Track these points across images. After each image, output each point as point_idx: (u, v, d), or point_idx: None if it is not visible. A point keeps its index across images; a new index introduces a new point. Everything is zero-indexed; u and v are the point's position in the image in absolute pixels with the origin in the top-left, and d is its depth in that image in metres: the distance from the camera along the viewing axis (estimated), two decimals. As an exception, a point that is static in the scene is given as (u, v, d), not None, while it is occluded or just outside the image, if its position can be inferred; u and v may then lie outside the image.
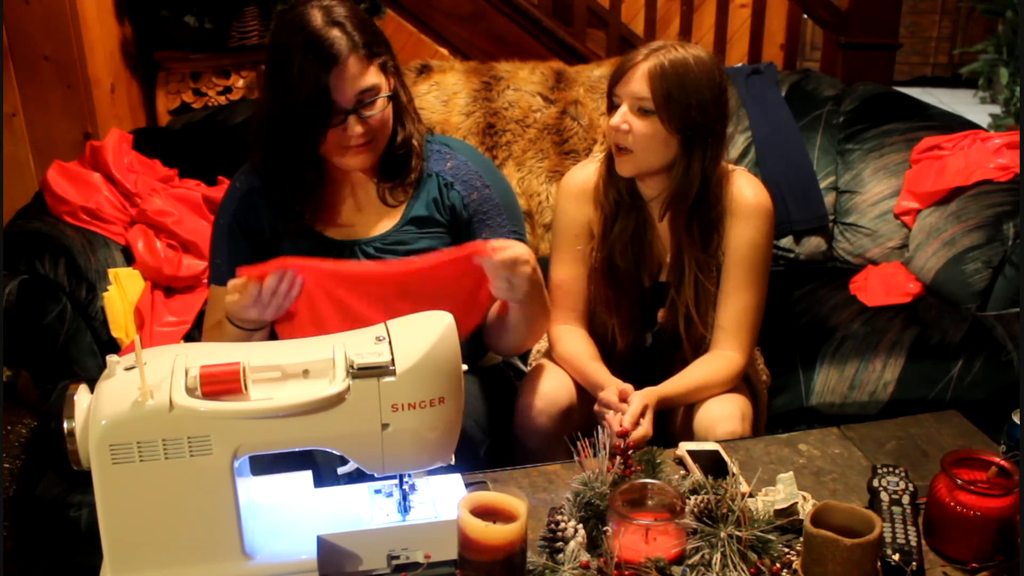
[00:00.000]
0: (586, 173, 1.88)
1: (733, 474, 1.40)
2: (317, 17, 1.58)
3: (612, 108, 1.77)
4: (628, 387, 1.71)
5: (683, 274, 1.81)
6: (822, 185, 2.56)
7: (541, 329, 1.81)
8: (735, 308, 1.81)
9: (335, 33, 1.57)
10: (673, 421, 1.84)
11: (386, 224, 1.73)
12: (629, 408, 1.64)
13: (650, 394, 1.70)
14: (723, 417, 1.73)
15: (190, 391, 1.12)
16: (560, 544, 1.25)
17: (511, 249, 1.55)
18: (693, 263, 1.80)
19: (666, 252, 1.86)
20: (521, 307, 1.67)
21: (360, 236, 1.73)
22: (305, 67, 1.56)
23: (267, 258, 1.72)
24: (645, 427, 1.64)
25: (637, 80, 1.71)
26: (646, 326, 1.90)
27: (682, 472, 1.44)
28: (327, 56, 1.56)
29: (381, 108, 1.63)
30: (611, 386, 1.72)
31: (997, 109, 5.49)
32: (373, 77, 1.61)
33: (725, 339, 1.81)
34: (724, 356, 1.80)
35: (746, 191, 1.81)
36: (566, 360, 1.85)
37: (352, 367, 1.15)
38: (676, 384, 1.77)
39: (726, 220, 1.80)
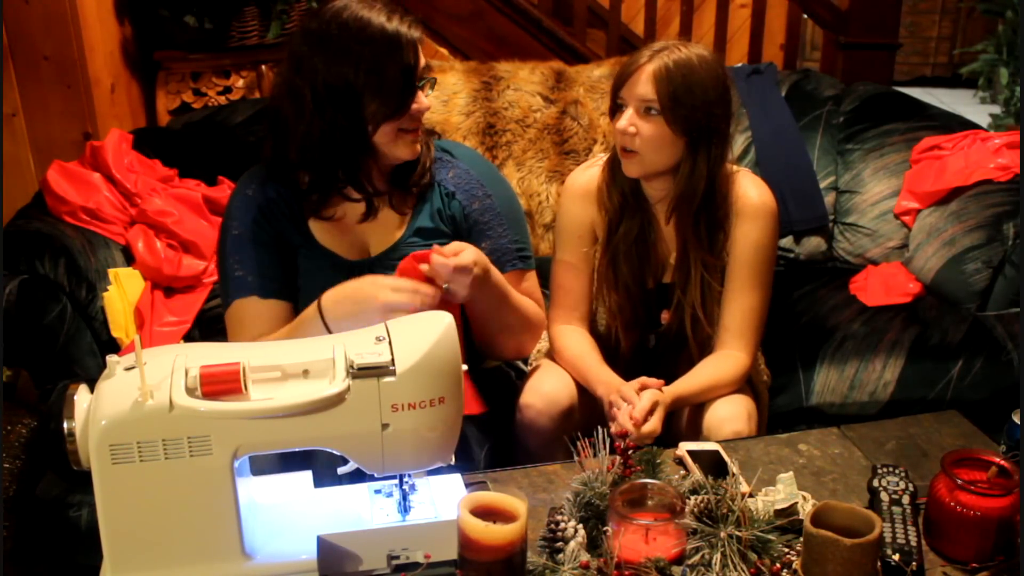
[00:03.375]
0: (590, 175, 1.88)
1: (733, 474, 1.40)
2: (389, 11, 1.61)
3: (616, 111, 1.77)
4: (640, 381, 1.72)
5: (689, 274, 1.81)
6: (822, 185, 2.57)
7: (521, 335, 1.78)
8: (740, 309, 1.81)
9: (402, 18, 1.61)
10: (678, 421, 1.84)
11: (393, 236, 1.72)
12: (639, 402, 1.65)
13: (664, 393, 1.70)
14: (729, 417, 1.73)
15: (190, 391, 1.12)
16: (560, 544, 1.25)
17: (460, 255, 1.55)
18: (699, 263, 1.80)
19: (670, 253, 1.86)
20: (487, 310, 1.66)
21: (371, 253, 1.72)
22: (394, 37, 1.58)
23: (293, 267, 1.69)
24: (654, 423, 1.64)
25: (642, 82, 1.71)
26: (650, 327, 1.90)
27: (682, 472, 1.44)
28: (408, 33, 1.60)
29: (431, 92, 1.69)
30: (631, 382, 1.72)
31: (997, 109, 5.50)
32: (426, 57, 1.66)
33: (731, 340, 1.81)
34: (730, 356, 1.80)
35: (750, 192, 1.81)
36: (566, 360, 1.85)
37: (352, 367, 1.15)
38: (687, 384, 1.77)
39: (731, 221, 1.80)
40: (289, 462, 1.47)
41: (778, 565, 1.23)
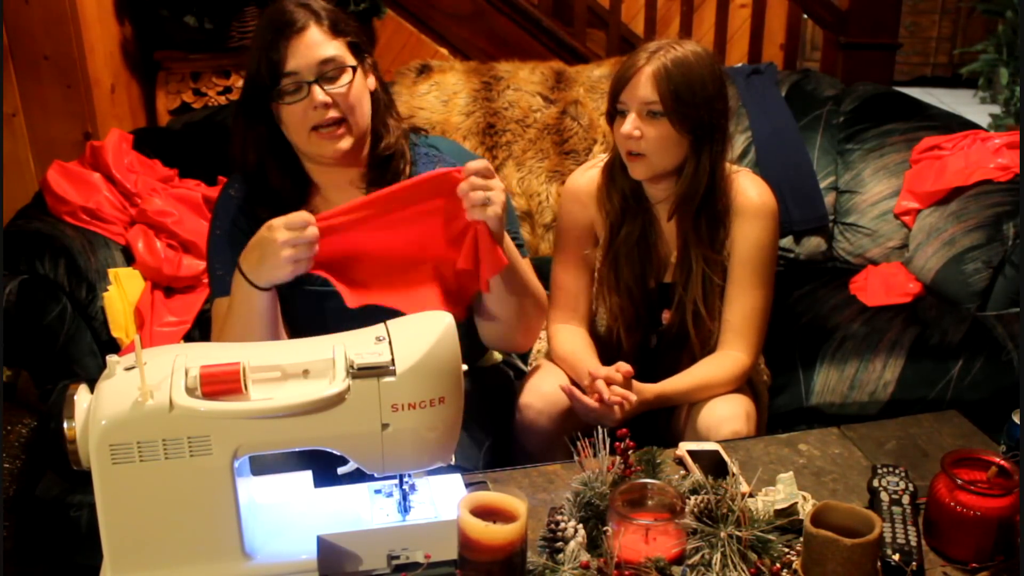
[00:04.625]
0: (589, 176, 1.88)
1: (733, 474, 1.40)
2: (289, 2, 1.62)
3: (615, 115, 1.76)
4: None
5: (690, 271, 1.81)
6: (822, 185, 2.56)
7: (535, 320, 1.77)
8: (742, 309, 1.81)
9: (298, 8, 1.60)
10: (676, 421, 1.84)
11: None
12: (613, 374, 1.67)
13: (646, 390, 1.70)
14: (727, 417, 1.73)
15: (190, 391, 1.12)
16: (560, 544, 1.25)
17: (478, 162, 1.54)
18: (700, 259, 1.80)
19: (671, 253, 1.86)
20: (505, 289, 1.64)
21: None
22: (266, 37, 1.58)
23: None
24: (621, 393, 1.65)
25: (643, 85, 1.71)
26: (651, 328, 1.90)
27: (682, 472, 1.44)
28: (286, 24, 1.58)
29: (346, 82, 1.61)
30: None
31: (997, 109, 5.51)
32: (336, 50, 1.60)
33: (732, 340, 1.81)
34: (730, 356, 1.80)
35: (750, 192, 1.81)
36: (561, 358, 1.85)
37: (352, 367, 1.15)
38: (678, 382, 1.77)
39: (731, 219, 1.81)
40: (289, 462, 1.47)
41: (778, 565, 1.23)
